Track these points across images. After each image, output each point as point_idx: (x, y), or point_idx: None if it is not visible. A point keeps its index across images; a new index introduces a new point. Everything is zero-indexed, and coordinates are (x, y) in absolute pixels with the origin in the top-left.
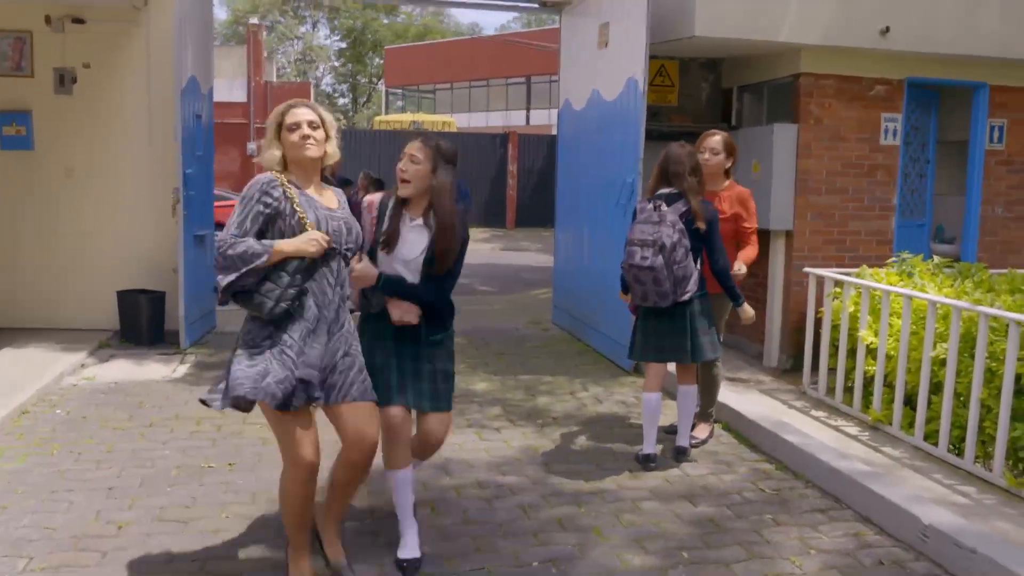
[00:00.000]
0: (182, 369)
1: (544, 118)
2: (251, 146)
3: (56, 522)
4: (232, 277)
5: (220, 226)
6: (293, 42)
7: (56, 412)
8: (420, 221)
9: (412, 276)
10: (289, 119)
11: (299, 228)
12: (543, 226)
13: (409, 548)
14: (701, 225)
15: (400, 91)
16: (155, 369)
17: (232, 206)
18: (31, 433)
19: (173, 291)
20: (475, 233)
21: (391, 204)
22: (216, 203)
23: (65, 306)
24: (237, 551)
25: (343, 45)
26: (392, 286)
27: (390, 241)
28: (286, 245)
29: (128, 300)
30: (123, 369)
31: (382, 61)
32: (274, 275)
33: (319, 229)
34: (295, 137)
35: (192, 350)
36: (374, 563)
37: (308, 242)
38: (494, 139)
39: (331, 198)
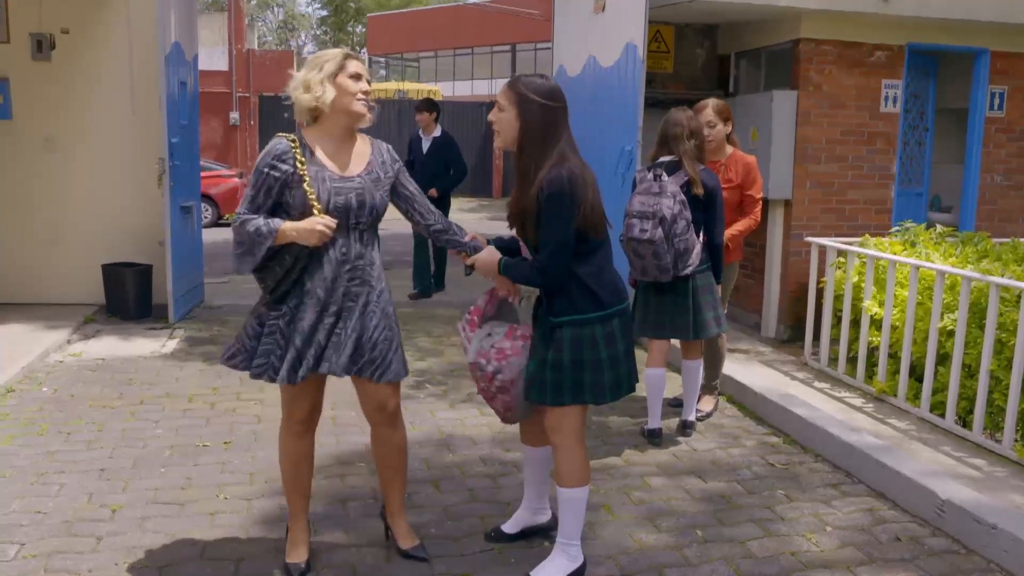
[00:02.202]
0: (171, 344)
1: None
2: (234, 115)
3: (47, 506)
4: (248, 267)
5: (206, 197)
6: (274, 9)
7: (43, 390)
8: None
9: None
10: (352, 67)
11: (307, 206)
12: None
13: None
14: (699, 192)
15: (384, 60)
16: (143, 345)
17: (216, 177)
18: (17, 412)
19: (160, 264)
20: (462, 203)
21: None
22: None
23: (48, 280)
24: (237, 534)
25: (324, 13)
26: (511, 270)
27: (511, 211)
28: (290, 230)
29: (113, 274)
30: (110, 345)
31: (365, 29)
32: (279, 255)
33: (325, 209)
34: (356, 87)
35: (181, 325)
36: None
37: (310, 232)
38: (480, 108)
39: (357, 158)
